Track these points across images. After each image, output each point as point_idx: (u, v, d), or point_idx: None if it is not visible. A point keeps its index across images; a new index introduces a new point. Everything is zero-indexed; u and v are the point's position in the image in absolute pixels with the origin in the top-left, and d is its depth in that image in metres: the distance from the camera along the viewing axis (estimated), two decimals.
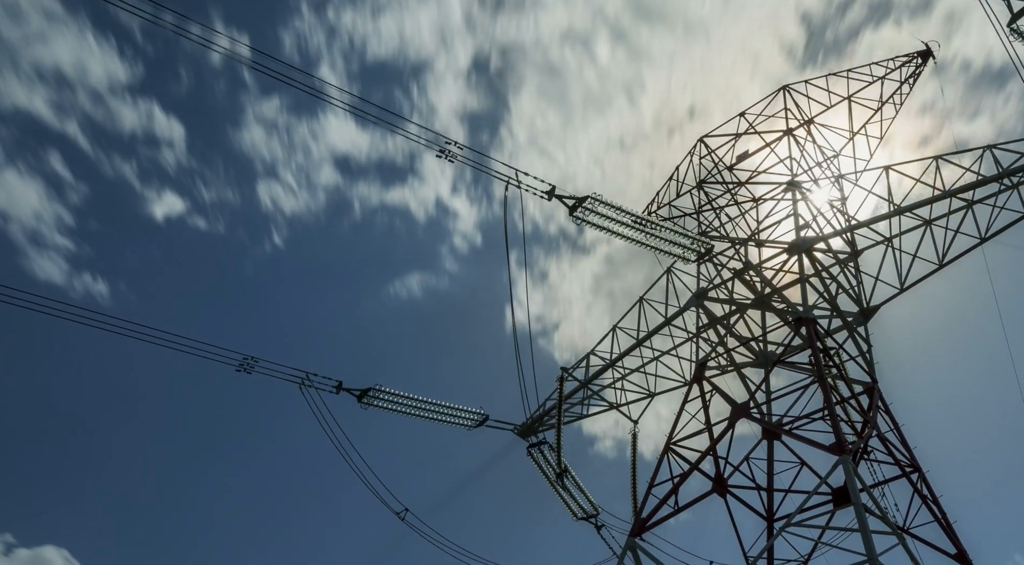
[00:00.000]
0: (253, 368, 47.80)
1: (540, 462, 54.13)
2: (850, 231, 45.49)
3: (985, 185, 41.68)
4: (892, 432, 38.72)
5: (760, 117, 53.26)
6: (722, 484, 39.78)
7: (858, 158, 51.98)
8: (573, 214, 40.91)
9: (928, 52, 57.50)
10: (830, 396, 36.42)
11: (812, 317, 41.08)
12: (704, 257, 45.98)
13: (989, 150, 41.88)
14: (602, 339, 52.71)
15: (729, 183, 51.77)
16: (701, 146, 54.47)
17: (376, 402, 50.33)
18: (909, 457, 37.63)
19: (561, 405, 52.32)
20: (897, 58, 56.72)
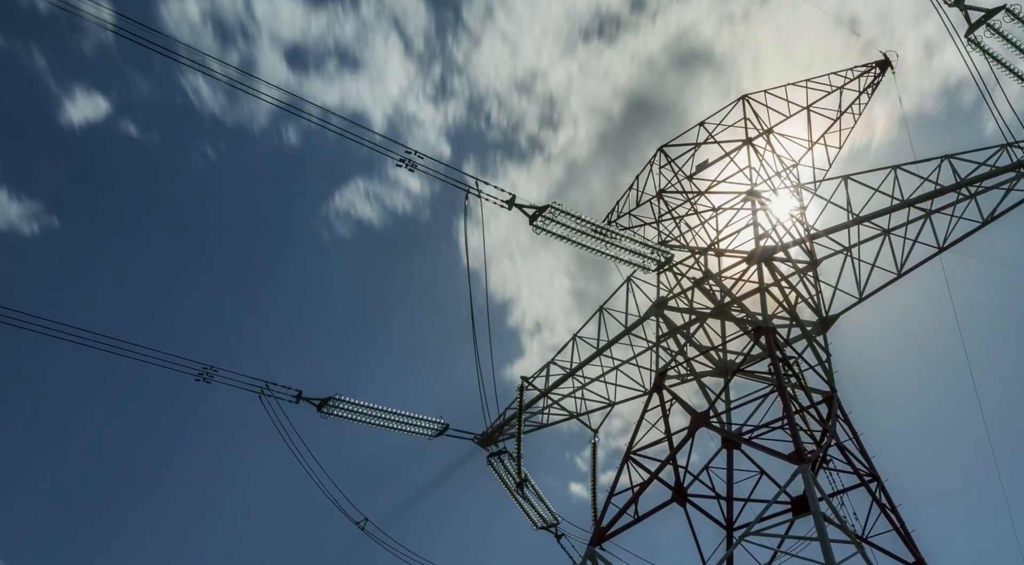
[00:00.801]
0: (212, 377, 47.66)
1: (500, 471, 54.14)
2: (809, 241, 45.71)
3: (943, 195, 41.96)
4: (851, 441, 38.87)
5: (719, 127, 53.45)
6: (682, 493, 39.86)
7: (817, 168, 52.23)
8: (533, 223, 40.95)
9: (886, 62, 57.86)
10: (789, 405, 36.55)
11: (771, 326, 41.21)
12: (664, 266, 46.07)
13: (947, 160, 42.17)
14: (562, 348, 52.81)
15: (689, 192, 51.92)
16: (661, 155, 54.62)
17: (336, 411, 50.20)
18: (868, 466, 37.78)
19: (521, 414, 52.34)
20: (855, 68, 57.05)
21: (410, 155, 40.44)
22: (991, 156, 40.98)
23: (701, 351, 45.00)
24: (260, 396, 49.02)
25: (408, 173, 41.16)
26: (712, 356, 45.00)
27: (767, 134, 52.00)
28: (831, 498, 36.64)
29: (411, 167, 40.52)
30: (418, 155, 40.56)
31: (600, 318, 51.11)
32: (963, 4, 34.77)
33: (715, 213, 50.01)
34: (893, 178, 43.33)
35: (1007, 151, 40.15)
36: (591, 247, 42.31)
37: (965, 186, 41.26)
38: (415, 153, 40.51)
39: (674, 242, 49.63)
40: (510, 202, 41.27)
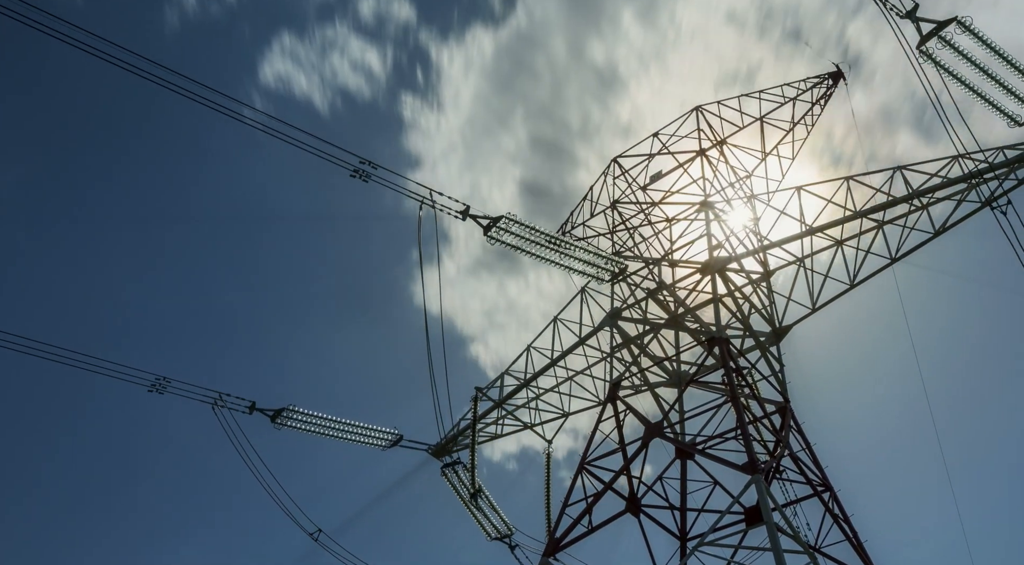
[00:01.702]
0: (165, 388, 47.44)
1: (454, 482, 54.08)
2: (762, 251, 45.87)
3: (895, 206, 42.19)
4: (804, 451, 39.01)
5: (673, 137, 53.56)
6: (635, 504, 39.85)
7: (770, 178, 52.39)
8: (488, 233, 40.92)
9: (839, 73, 58.14)
10: (743, 416, 36.64)
11: (725, 337, 41.30)
12: (618, 277, 46.18)
13: (899, 171, 42.39)
14: (516, 359, 52.80)
15: (643, 203, 51.98)
16: (615, 166, 54.68)
17: (289, 423, 50.04)
18: (821, 476, 37.91)
19: (476, 425, 52.26)
20: (808, 79, 57.31)
21: (364, 165, 40.27)
22: (943, 167, 41.22)
23: (655, 362, 45.04)
24: (213, 407, 48.85)
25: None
26: (666, 367, 45.06)
27: (720, 145, 52.16)
28: (784, 508, 36.78)
29: (364, 178, 40.34)
30: (372, 165, 40.41)
31: (554, 329, 51.13)
32: (915, 16, 34.98)
33: (669, 224, 50.09)
34: (846, 189, 43.54)
35: (959, 162, 40.39)
36: (545, 258, 42.32)
37: (917, 197, 41.49)
38: (368, 164, 40.36)
39: (628, 253, 49.68)
40: (464, 212, 41.23)
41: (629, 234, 50.97)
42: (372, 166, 40.37)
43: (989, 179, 39.40)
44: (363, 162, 40.27)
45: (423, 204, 41.43)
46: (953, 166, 40.87)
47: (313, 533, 51.78)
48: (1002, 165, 39.38)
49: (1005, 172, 39.34)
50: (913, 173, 42.05)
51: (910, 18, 35.13)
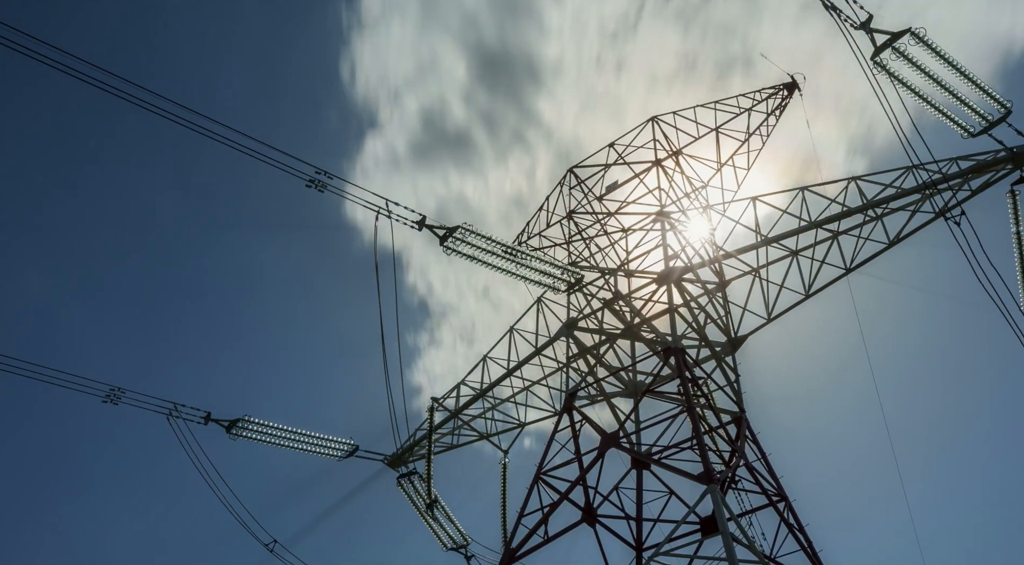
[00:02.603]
0: (120, 399, 47.20)
1: (410, 492, 54.00)
2: (718, 261, 45.98)
3: (850, 216, 42.39)
4: (759, 461, 39.07)
5: (629, 148, 53.62)
6: (591, 514, 39.80)
7: (726, 189, 52.49)
8: (444, 244, 40.82)
9: (793, 84, 58.29)
10: (698, 425, 36.68)
11: (681, 347, 41.33)
12: (574, 287, 46.20)
13: (854, 181, 42.59)
14: (472, 369, 52.75)
15: (599, 213, 52.01)
16: (571, 176, 54.70)
17: (245, 433, 49.82)
18: (776, 486, 37.98)
19: (431, 435, 52.19)
20: (763, 90, 57.42)
21: (319, 175, 40.11)
22: (897, 178, 41.45)
23: (611, 372, 45.07)
24: (168, 417, 48.61)
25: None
26: (622, 377, 45.09)
27: (676, 155, 52.21)
28: (739, 518, 36.80)
29: (320, 188, 40.19)
30: (327, 175, 40.25)
31: (510, 339, 51.10)
32: (869, 27, 35.14)
33: (625, 234, 50.16)
34: (801, 199, 43.72)
35: (913, 173, 40.61)
36: (501, 268, 42.24)
37: (872, 207, 41.70)
38: (324, 173, 40.21)
39: (584, 263, 49.69)
40: (420, 223, 41.11)
41: (585, 244, 50.98)
42: (328, 176, 40.21)
43: (943, 190, 39.63)
44: (319, 172, 40.11)
45: (379, 214, 41.30)
46: (907, 177, 41.09)
47: (269, 544, 51.58)
48: (956, 176, 39.62)
49: (959, 183, 39.58)
50: (868, 183, 42.27)
51: (864, 29, 35.28)
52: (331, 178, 40.26)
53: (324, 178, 40.15)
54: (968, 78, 35.77)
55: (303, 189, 40.05)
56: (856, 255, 42.27)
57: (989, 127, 36.87)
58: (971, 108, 36.45)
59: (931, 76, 35.62)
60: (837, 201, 42.80)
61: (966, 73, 35.71)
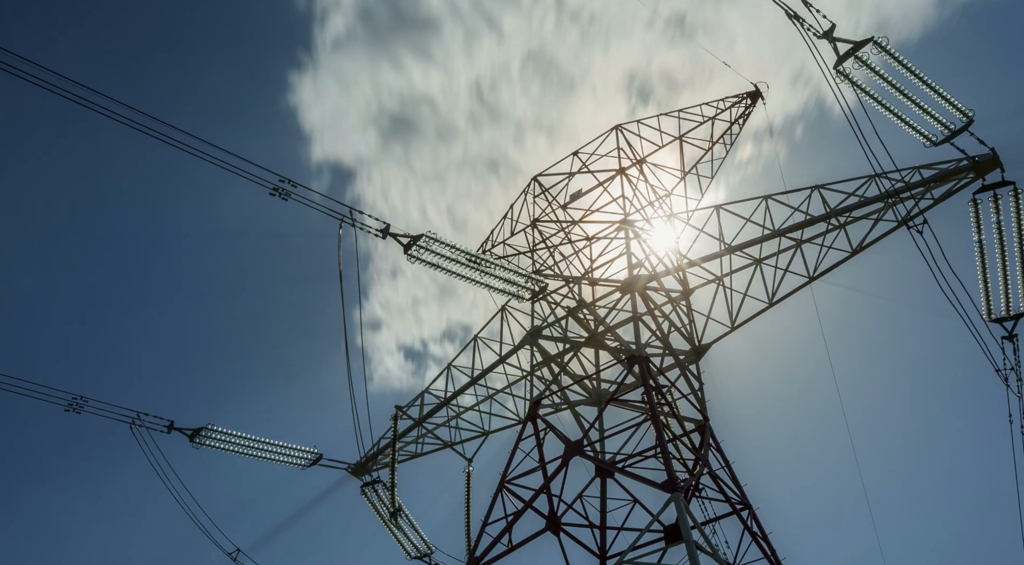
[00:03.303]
0: (83, 408, 46.98)
1: (374, 501, 53.92)
2: (682, 270, 46.08)
3: (813, 225, 42.58)
4: (723, 469, 39.11)
5: (593, 156, 53.68)
6: (555, 522, 39.73)
7: (690, 197, 52.61)
8: (408, 252, 40.76)
9: (757, 93, 58.47)
10: (662, 434, 36.67)
11: (645, 355, 41.34)
12: (538, 295, 46.19)
13: (817, 190, 42.76)
14: (437, 377, 52.74)
15: (563, 222, 52.05)
16: (535, 184, 54.75)
17: (208, 442, 49.69)
18: (739, 494, 38.02)
19: (396, 444, 52.09)
20: (727, 99, 57.59)
21: (283, 184, 39.99)
22: (860, 186, 41.67)
23: (575, 380, 45.11)
24: (131, 426, 48.45)
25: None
26: (586, 385, 45.11)
27: (640, 164, 52.30)
28: (703, 526, 36.87)
29: (284, 196, 40.07)
30: (291, 183, 40.13)
31: (474, 347, 51.11)
32: (832, 37, 35.26)
33: (589, 242, 50.19)
34: (764, 208, 43.86)
35: (875, 182, 40.82)
36: (465, 276, 42.21)
37: (835, 216, 41.91)
38: (288, 182, 40.08)
39: (548, 271, 49.75)
40: (384, 231, 41.04)
41: (549, 253, 51.05)
42: (292, 184, 40.09)
43: (905, 198, 39.85)
44: (283, 180, 39.99)
45: (343, 222, 41.23)
46: (870, 185, 41.33)
47: (232, 552, 51.49)
48: (918, 184, 39.88)
49: (921, 191, 39.83)
50: (831, 192, 42.47)
51: (827, 38, 35.40)
52: (295, 186, 40.15)
53: (288, 187, 40.03)
54: (930, 87, 35.93)
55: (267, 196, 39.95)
56: (819, 263, 42.47)
57: (951, 136, 37.03)
58: (933, 117, 36.60)
59: (893, 85, 35.75)
60: (800, 210, 43.01)
61: (928, 82, 35.87)
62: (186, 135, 38.05)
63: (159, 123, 37.34)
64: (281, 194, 40.03)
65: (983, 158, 38.00)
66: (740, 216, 44.49)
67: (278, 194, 40.00)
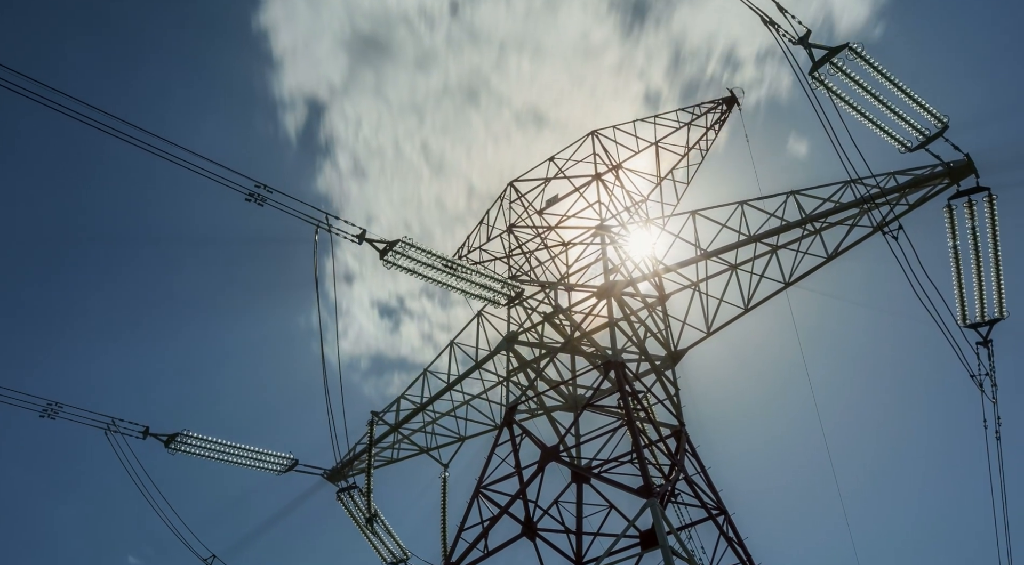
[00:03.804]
0: (57, 414, 46.88)
1: (350, 507, 53.88)
2: (658, 275, 46.11)
3: (788, 230, 42.66)
4: (699, 475, 39.14)
5: (569, 162, 53.70)
6: (532, 527, 39.68)
7: (666, 203, 52.66)
8: (384, 258, 40.70)
9: (732, 98, 58.53)
10: (638, 439, 36.68)
11: (621, 361, 41.35)
12: (514, 301, 46.16)
13: (792, 196, 42.85)
14: (413, 383, 52.67)
15: (539, 227, 52.06)
16: (511, 190, 54.76)
17: (184, 447, 49.67)
18: (716, 500, 38.06)
19: (371, 449, 52.02)
20: (703, 104, 57.64)
21: (259, 189, 39.84)
22: (835, 192, 41.75)
23: (551, 385, 45.12)
24: (106, 432, 48.36)
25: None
26: (562, 390, 45.15)
27: (616, 169, 52.34)
28: (679, 532, 36.94)
29: (260, 201, 39.93)
30: (267, 189, 39.99)
31: (451, 353, 51.07)
32: (808, 43, 35.32)
33: (565, 248, 50.22)
34: (740, 213, 43.92)
35: (851, 187, 40.91)
36: (441, 282, 42.19)
37: (810, 222, 42.00)
38: (264, 187, 39.94)
39: (524, 277, 49.73)
40: (360, 237, 40.96)
41: (525, 258, 51.03)
42: (268, 190, 39.96)
43: (880, 204, 39.96)
44: (258, 186, 39.85)
45: (319, 228, 41.15)
46: (845, 191, 41.42)
47: (207, 558, 51.31)
48: (893, 190, 39.98)
49: (896, 197, 39.93)
50: (806, 198, 42.56)
51: (803, 44, 35.47)
52: (271, 191, 40.03)
53: (264, 192, 39.90)
54: (905, 93, 36.01)
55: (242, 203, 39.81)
56: (795, 269, 42.57)
57: (926, 142, 37.13)
58: (908, 123, 36.67)
59: (868, 91, 35.82)
60: (776, 215, 43.09)
61: (903, 88, 35.96)
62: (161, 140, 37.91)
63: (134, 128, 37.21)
64: (256, 199, 39.88)
65: (958, 164, 38.12)
66: (716, 222, 44.53)
67: (253, 200, 39.84)
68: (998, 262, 38.19)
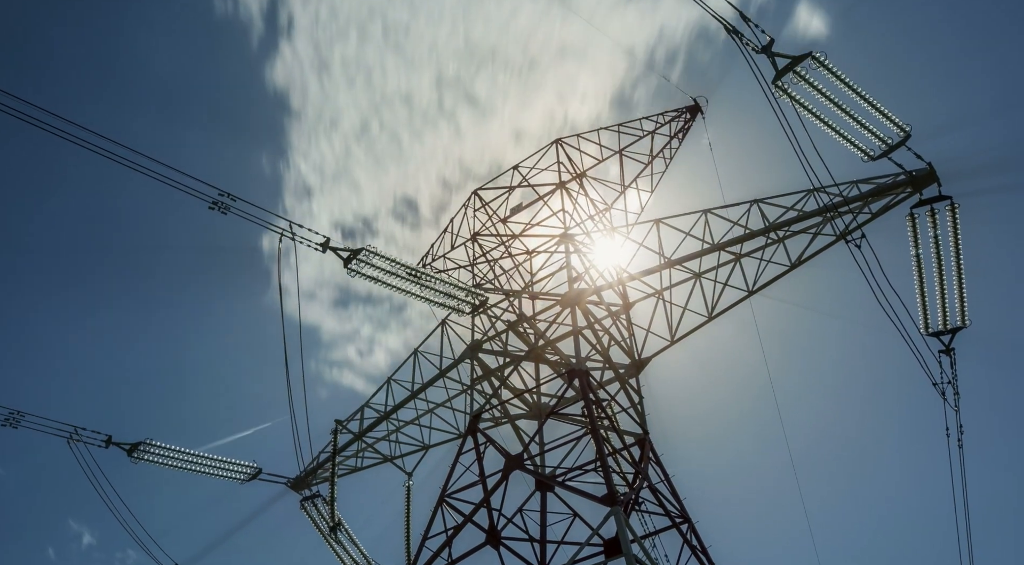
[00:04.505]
0: (19, 422, 46.67)
1: (314, 515, 53.78)
2: (622, 284, 46.13)
3: (752, 239, 42.75)
4: (663, 483, 39.15)
5: (533, 170, 53.72)
6: (496, 536, 39.59)
7: (630, 211, 52.71)
8: (348, 266, 40.60)
9: (696, 107, 58.66)
10: (602, 447, 36.67)
11: (585, 369, 41.36)
12: (478, 309, 46.12)
13: (756, 204, 42.94)
14: (377, 391, 52.58)
15: (503, 235, 52.05)
16: (475, 198, 54.73)
17: (146, 456, 49.53)
18: (679, 508, 38.06)
19: (335, 458, 51.92)
20: (667, 113, 57.75)
21: (223, 197, 39.67)
22: (798, 201, 41.86)
23: (515, 394, 45.05)
24: (68, 441, 48.13)
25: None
26: (526, 399, 45.06)
27: (580, 178, 52.36)
28: (643, 540, 36.85)
29: (224, 210, 39.75)
30: (231, 197, 39.83)
31: (415, 361, 51.01)
32: (771, 52, 35.38)
33: (529, 256, 50.24)
34: (704, 222, 43.99)
35: (814, 196, 41.00)
36: (405, 290, 42.14)
37: (773, 230, 42.10)
38: (228, 195, 39.77)
39: (488, 285, 49.70)
40: (324, 245, 40.85)
41: (490, 266, 51.01)
42: (232, 198, 39.81)
43: (843, 213, 40.12)
44: (222, 194, 39.70)
45: (282, 236, 41.01)
46: (808, 200, 41.50)
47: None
48: (856, 199, 40.11)
49: (859, 206, 40.07)
50: (770, 206, 42.66)
51: (766, 53, 35.53)
52: (235, 200, 39.87)
53: (228, 200, 39.74)
54: (868, 102, 36.12)
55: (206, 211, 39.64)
56: (758, 277, 42.64)
57: (889, 150, 37.24)
58: (871, 132, 36.80)
59: (831, 100, 35.91)
60: (740, 224, 43.16)
61: (866, 97, 36.07)
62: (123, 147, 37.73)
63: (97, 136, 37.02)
64: (220, 208, 39.72)
65: (920, 173, 38.27)
66: (680, 230, 44.61)
67: (217, 208, 39.68)
68: (960, 271, 38.38)
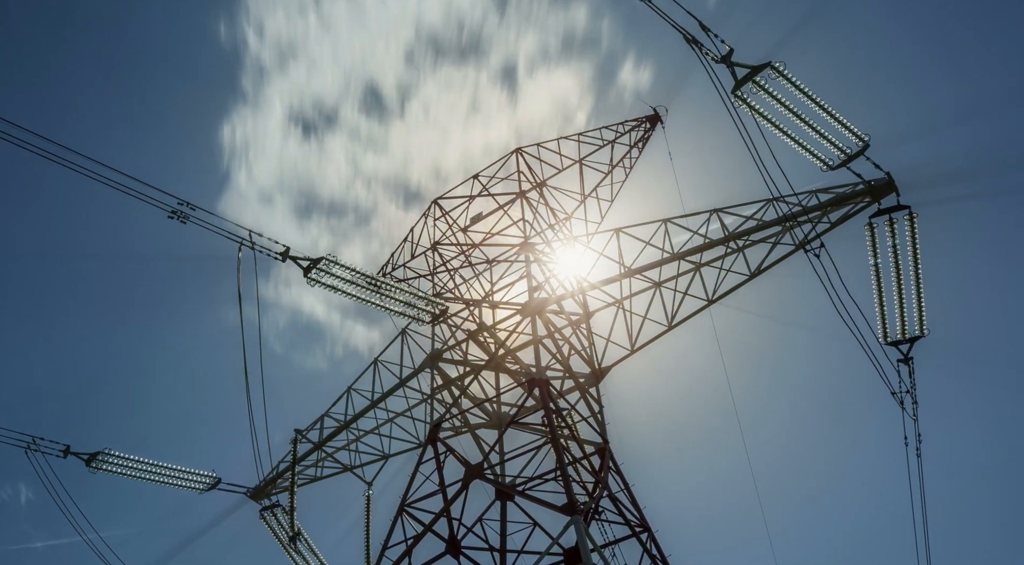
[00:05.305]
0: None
1: (273, 525, 53.62)
2: (582, 293, 46.18)
3: (711, 248, 42.85)
4: (623, 492, 39.19)
5: (494, 179, 53.76)
6: (456, 545, 39.51)
7: (590, 220, 52.78)
8: (307, 275, 40.55)
9: (656, 117, 58.86)
10: (562, 457, 36.68)
11: (545, 378, 41.35)
12: (438, 318, 46.09)
13: (715, 214, 43.04)
14: (336, 400, 52.40)
15: (463, 245, 52.04)
16: (435, 207, 54.71)
17: (105, 466, 49.30)
18: (639, 517, 38.10)
19: (295, 467, 51.77)
20: (626, 122, 57.92)
21: (181, 207, 39.53)
22: (758, 210, 41.99)
23: (475, 403, 44.99)
24: (26, 451, 47.90)
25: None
26: (486, 408, 45.03)
27: (540, 187, 52.40)
28: (603, 549, 36.84)
29: (183, 219, 39.61)
30: (190, 206, 39.69)
31: (375, 370, 50.89)
32: (730, 61, 35.50)
33: (489, 265, 50.22)
34: (664, 231, 44.07)
35: (773, 205, 41.14)
36: (365, 299, 42.15)
37: (733, 239, 42.21)
38: (187, 204, 39.65)
39: (449, 294, 49.70)
40: (284, 254, 40.79)
41: (450, 275, 51.00)
42: (191, 207, 39.68)
43: (803, 222, 40.28)
44: (181, 203, 39.57)
45: (242, 245, 40.89)
46: (768, 209, 41.65)
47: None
48: (815, 208, 40.28)
49: (818, 215, 40.25)
50: (729, 215, 42.77)
51: (725, 63, 35.65)
52: (194, 209, 39.75)
53: (187, 209, 39.61)
54: (827, 111, 36.28)
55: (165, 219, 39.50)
56: (718, 286, 42.74)
57: (848, 160, 37.41)
58: (830, 141, 36.96)
59: (791, 109, 36.05)
60: (699, 233, 43.25)
61: (825, 106, 36.23)
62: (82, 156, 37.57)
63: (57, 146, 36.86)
64: (179, 217, 39.58)
65: (879, 182, 38.45)
66: (640, 239, 44.66)
67: (176, 217, 39.54)
68: (919, 280, 38.59)
